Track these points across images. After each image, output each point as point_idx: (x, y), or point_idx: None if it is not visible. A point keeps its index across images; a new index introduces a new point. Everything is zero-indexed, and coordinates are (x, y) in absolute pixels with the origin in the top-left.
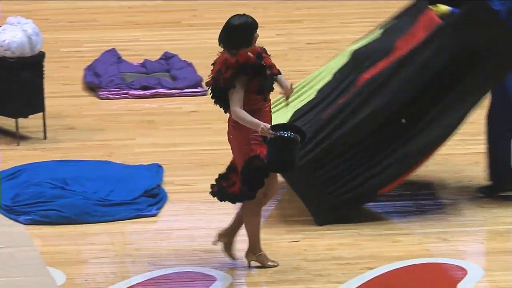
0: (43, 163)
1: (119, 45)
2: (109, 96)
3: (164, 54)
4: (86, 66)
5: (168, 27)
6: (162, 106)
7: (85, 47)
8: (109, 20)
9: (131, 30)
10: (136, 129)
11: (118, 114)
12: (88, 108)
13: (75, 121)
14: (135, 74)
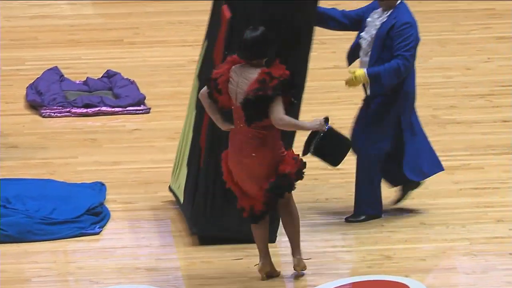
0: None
1: (62, 63)
2: (52, 115)
3: (106, 72)
4: (29, 85)
5: (110, 45)
6: (105, 124)
7: (27, 65)
8: (51, 38)
9: (73, 48)
10: (78, 147)
11: (61, 132)
12: (30, 126)
13: (17, 140)
14: (77, 92)
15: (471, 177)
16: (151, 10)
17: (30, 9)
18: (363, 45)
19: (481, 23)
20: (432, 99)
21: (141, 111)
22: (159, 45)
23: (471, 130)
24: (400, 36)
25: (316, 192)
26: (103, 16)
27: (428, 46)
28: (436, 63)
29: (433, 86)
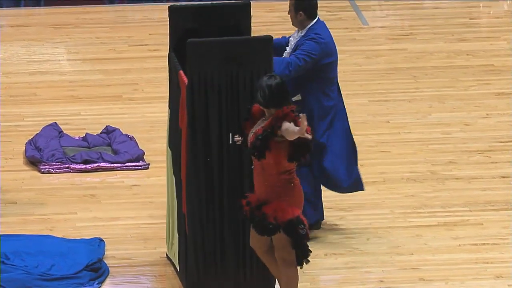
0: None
1: (61, 119)
2: (51, 171)
3: (105, 128)
4: (28, 140)
5: (109, 101)
6: (104, 180)
7: (26, 121)
8: (50, 94)
9: (72, 104)
10: (77, 203)
11: (60, 188)
12: (29, 182)
13: (16, 196)
14: (76, 148)
15: (470, 233)
16: (150, 66)
17: (29, 66)
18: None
19: (480, 79)
20: (431, 155)
21: (140, 167)
22: (158, 101)
23: (470, 186)
24: (302, 46)
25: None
26: (102, 72)
27: (427, 102)
28: (435, 119)
29: (432, 142)
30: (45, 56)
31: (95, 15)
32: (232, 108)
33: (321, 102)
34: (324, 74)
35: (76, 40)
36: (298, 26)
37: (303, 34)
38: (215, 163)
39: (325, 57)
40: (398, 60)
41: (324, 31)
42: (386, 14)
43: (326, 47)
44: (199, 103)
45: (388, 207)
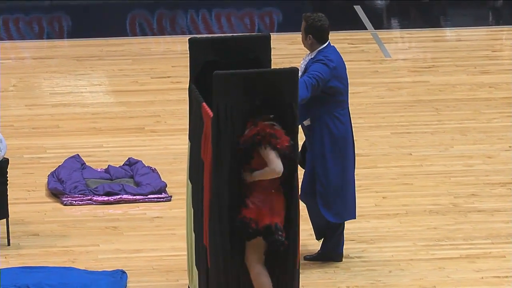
0: (6, 269)
1: (83, 151)
2: (73, 203)
3: (128, 160)
4: (50, 173)
5: (131, 133)
6: (126, 212)
7: (48, 154)
8: (73, 126)
9: (95, 136)
10: (100, 235)
11: (82, 220)
12: (51, 214)
13: (38, 228)
14: (99, 180)
15: (493, 265)
16: (172, 98)
17: (52, 98)
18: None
19: (503, 112)
20: (453, 187)
21: (163, 199)
22: (180, 133)
23: (492, 218)
24: (311, 67)
25: (337, 280)
26: (124, 104)
27: (449, 135)
28: (457, 151)
29: (454, 174)
30: (68, 88)
31: (118, 47)
32: None
33: (331, 127)
34: (333, 98)
35: (99, 72)
36: (309, 49)
37: (313, 57)
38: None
39: (333, 79)
40: (420, 93)
41: (334, 55)
42: (408, 47)
43: (335, 70)
44: (225, 135)
45: (411, 240)
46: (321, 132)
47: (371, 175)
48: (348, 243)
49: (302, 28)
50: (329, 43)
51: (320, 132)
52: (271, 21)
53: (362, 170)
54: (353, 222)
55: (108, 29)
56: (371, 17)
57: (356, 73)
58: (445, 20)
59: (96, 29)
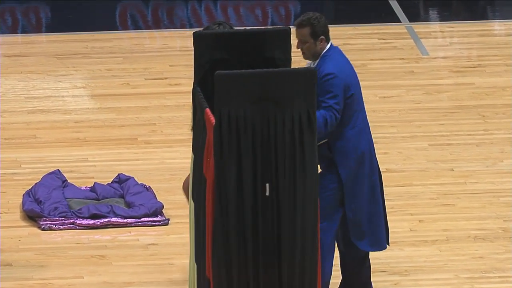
0: None
1: (64, 166)
2: (53, 227)
3: (117, 177)
4: (25, 191)
5: (122, 145)
6: (115, 238)
7: (23, 169)
8: (52, 136)
9: (78, 149)
10: (84, 265)
11: (63, 248)
12: (27, 240)
13: (11, 256)
14: (83, 200)
15: None
16: (170, 104)
17: (27, 103)
18: None
19: None
20: (502, 209)
21: (158, 223)
22: (179, 144)
23: None
24: (322, 88)
25: None
26: (113, 111)
27: (498, 147)
28: (507, 167)
29: (503, 194)
30: (46, 91)
31: (106, 43)
32: (267, 155)
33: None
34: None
35: (83, 73)
36: (313, 57)
37: (316, 65)
38: (248, 219)
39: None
40: (463, 97)
41: (339, 59)
42: (450, 43)
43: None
44: (229, 147)
45: (452, 271)
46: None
47: (406, 194)
48: (378, 274)
49: (306, 33)
50: (332, 43)
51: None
52: (287, 13)
53: (395, 188)
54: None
55: (95, 22)
56: (406, 8)
57: (387, 74)
58: (493, 11)
59: (80, 22)
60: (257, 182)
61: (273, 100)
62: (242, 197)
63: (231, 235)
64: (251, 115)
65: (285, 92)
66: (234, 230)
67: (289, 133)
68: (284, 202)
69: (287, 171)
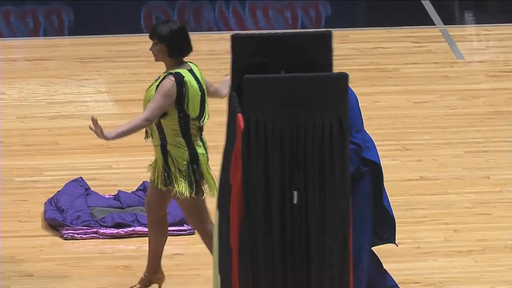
0: None
1: (87, 173)
2: (75, 236)
3: (142, 185)
4: (47, 200)
5: (146, 152)
6: (139, 248)
7: (45, 176)
8: (75, 143)
9: (102, 155)
10: (108, 276)
11: (86, 258)
12: (49, 250)
13: (32, 267)
14: (107, 209)
15: None
16: None
17: (49, 108)
18: None
19: None
20: None
21: (184, 232)
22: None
23: None
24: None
25: None
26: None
27: None
28: None
29: None
30: (69, 96)
31: (130, 47)
32: (296, 162)
33: None
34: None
35: (107, 77)
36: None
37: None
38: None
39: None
40: (500, 102)
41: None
42: (486, 46)
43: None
44: (257, 153)
45: (488, 282)
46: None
47: (440, 203)
48: (412, 286)
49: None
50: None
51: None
52: (318, 15)
53: (429, 197)
54: (418, 261)
55: (119, 25)
56: (440, 10)
57: (421, 79)
58: None
59: (104, 25)
60: (285, 189)
61: (303, 105)
62: (269, 205)
63: (258, 245)
64: (280, 120)
65: (315, 97)
66: (261, 240)
67: (319, 140)
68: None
69: (317, 179)
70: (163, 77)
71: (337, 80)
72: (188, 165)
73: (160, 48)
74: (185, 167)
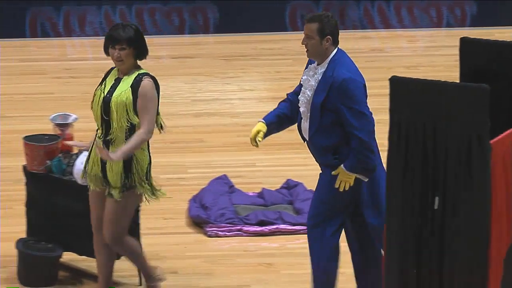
0: None
1: (231, 171)
2: (219, 233)
3: (286, 182)
4: (192, 197)
5: (290, 150)
6: (283, 245)
7: (190, 174)
8: (219, 140)
9: (246, 153)
10: (251, 273)
11: (230, 255)
12: (193, 247)
13: (177, 264)
14: (250, 206)
15: None
16: None
17: (194, 106)
18: (302, 108)
19: None
20: None
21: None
22: None
23: None
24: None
25: None
26: None
27: None
28: None
29: None
30: (213, 94)
31: (275, 45)
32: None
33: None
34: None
35: (252, 75)
36: (319, 58)
37: (326, 70)
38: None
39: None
40: None
41: (351, 63)
42: None
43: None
44: (397, 156)
45: None
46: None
47: None
48: None
49: (314, 29)
50: (339, 47)
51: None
52: (463, 14)
53: None
54: None
55: (264, 23)
56: None
57: None
58: None
59: (249, 23)
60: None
61: (445, 113)
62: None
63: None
64: (422, 124)
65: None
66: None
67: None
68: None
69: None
70: (135, 79)
71: (477, 91)
72: (148, 167)
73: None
74: (146, 169)
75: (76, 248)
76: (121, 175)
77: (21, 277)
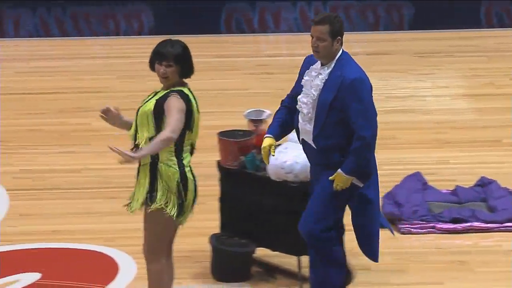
0: None
1: (425, 168)
2: (412, 230)
3: (480, 180)
4: (385, 193)
5: (485, 147)
6: (477, 243)
7: (383, 170)
8: (413, 137)
9: (439, 150)
10: (444, 271)
11: (422, 253)
12: (385, 244)
13: (369, 262)
14: (444, 203)
15: None
16: None
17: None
18: (303, 110)
19: None
20: None
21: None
22: None
23: None
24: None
25: None
26: (476, 111)
27: None
28: None
29: None
30: (407, 91)
31: (470, 42)
32: None
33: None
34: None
35: (446, 72)
36: (328, 59)
37: (332, 70)
38: None
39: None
40: None
41: (356, 63)
42: None
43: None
44: None
45: None
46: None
47: None
48: None
49: (327, 32)
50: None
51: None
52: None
53: None
54: None
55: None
56: None
57: None
58: None
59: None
60: None
61: None
62: None
63: None
64: None
65: None
66: None
67: None
68: None
69: None
70: (164, 94)
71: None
72: (178, 185)
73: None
74: (175, 186)
75: (269, 244)
76: (148, 187)
77: (215, 272)
